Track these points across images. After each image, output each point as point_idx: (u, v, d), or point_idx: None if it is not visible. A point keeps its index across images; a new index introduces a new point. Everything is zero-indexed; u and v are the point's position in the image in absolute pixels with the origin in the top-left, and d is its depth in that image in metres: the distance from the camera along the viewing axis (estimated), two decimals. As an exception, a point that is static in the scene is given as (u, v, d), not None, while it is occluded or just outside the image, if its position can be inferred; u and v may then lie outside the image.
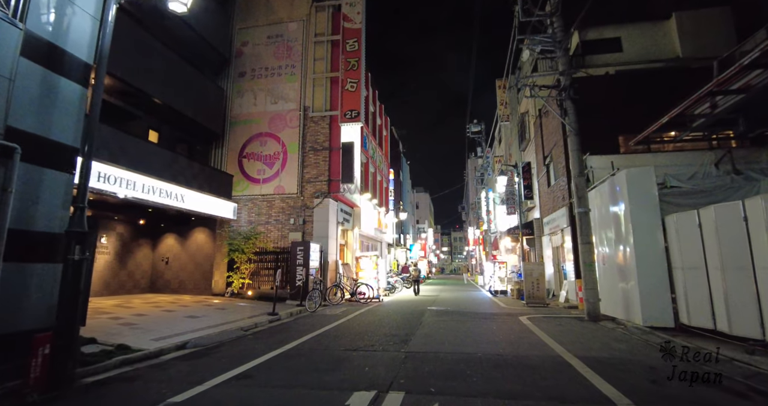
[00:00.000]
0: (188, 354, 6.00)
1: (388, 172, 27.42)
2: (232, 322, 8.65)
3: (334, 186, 14.69)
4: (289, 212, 14.88)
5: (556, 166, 14.15)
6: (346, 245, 17.37)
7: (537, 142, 16.78)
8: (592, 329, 7.61)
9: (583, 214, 8.87)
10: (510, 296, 16.27)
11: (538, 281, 12.22)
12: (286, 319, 9.93)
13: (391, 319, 9.26)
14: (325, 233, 14.26)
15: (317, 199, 14.57)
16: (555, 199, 14.19)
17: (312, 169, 15.01)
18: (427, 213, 68.89)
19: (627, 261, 7.86)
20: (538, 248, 16.62)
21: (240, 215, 15.22)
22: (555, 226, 13.97)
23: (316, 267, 13.01)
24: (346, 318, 9.54)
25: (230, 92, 16.37)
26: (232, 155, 15.85)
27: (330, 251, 14.43)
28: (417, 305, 12.49)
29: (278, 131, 15.64)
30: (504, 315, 9.85)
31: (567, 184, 12.52)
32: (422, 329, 7.59)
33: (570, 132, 9.40)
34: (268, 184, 15.27)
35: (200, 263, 13.93)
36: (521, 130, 19.76)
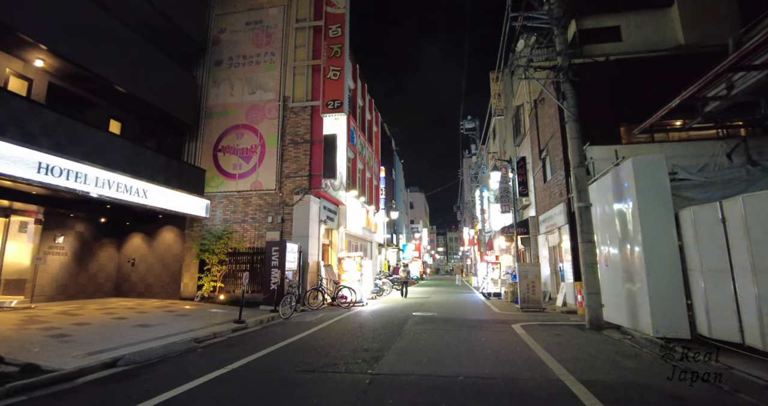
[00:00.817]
0: (113, 375, 4.98)
1: (378, 169, 26.42)
2: (188, 332, 7.62)
3: (315, 182, 13.67)
4: (267, 210, 13.84)
5: (553, 160, 13.19)
6: (331, 245, 16.35)
7: (532, 136, 15.83)
8: (595, 340, 6.63)
9: (584, 209, 7.90)
10: (504, 299, 15.31)
11: (534, 284, 11.25)
12: (253, 327, 8.90)
13: (369, 327, 8.25)
14: (306, 232, 13.23)
15: (297, 196, 13.54)
16: (552, 196, 13.24)
17: (292, 163, 13.98)
18: (422, 213, 67.96)
19: (634, 262, 6.90)
20: (533, 247, 15.67)
21: (214, 212, 14.17)
22: (552, 224, 13.02)
23: (293, 269, 11.98)
24: (320, 327, 8.52)
25: (206, 82, 15.32)
26: (206, 149, 14.80)
27: (311, 251, 13.40)
28: (402, 310, 11.49)
29: (256, 123, 14.60)
30: (495, 323, 8.86)
31: (565, 178, 11.57)
32: (400, 341, 6.58)
33: (569, 118, 8.43)
34: (244, 180, 14.22)
35: (168, 265, 12.86)
36: (516, 124, 18.82)
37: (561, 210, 11.86)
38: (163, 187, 11.38)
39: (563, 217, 11.62)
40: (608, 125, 11.31)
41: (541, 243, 15.06)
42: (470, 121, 31.06)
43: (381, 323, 8.80)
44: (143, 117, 12.81)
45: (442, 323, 8.80)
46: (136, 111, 12.39)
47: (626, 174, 7.19)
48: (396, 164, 38.90)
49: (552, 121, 12.77)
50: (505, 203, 19.95)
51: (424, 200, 72.03)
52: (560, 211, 11.96)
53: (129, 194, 10.27)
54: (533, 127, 15.57)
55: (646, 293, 6.47)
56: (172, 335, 7.31)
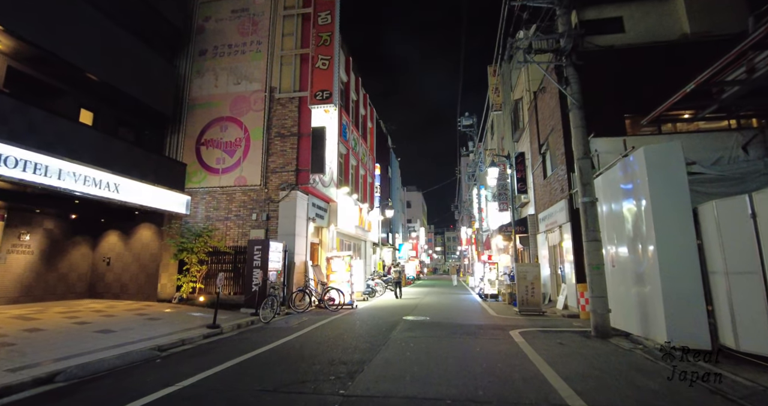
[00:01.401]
0: (43, 394, 4.25)
1: (373, 166, 25.70)
2: (153, 338, 6.89)
3: (302, 177, 12.93)
4: (252, 207, 13.10)
5: (554, 155, 12.49)
6: (321, 244, 15.62)
7: (532, 130, 15.12)
8: (603, 351, 5.91)
9: (589, 205, 7.19)
10: (501, 300, 14.62)
11: (533, 285, 10.55)
12: (228, 333, 8.17)
13: (353, 334, 7.52)
14: (292, 230, 12.49)
15: (283, 192, 12.80)
16: (552, 192, 12.53)
17: (278, 157, 13.24)
18: (419, 212, 67.28)
19: (646, 263, 6.20)
20: (532, 247, 14.98)
21: (196, 209, 13.42)
22: (552, 222, 12.32)
23: (277, 269, 11.25)
24: (299, 333, 7.79)
25: (189, 73, 14.56)
26: (189, 143, 14.04)
27: (298, 250, 12.67)
28: (392, 314, 10.76)
29: (241, 115, 13.85)
30: (492, 328, 8.14)
31: (566, 173, 10.86)
32: (384, 352, 5.86)
33: (572, 105, 7.72)
34: (227, 175, 13.48)
35: (145, 265, 12.10)
36: (514, 118, 18.11)
37: (562, 207, 11.15)
38: (138, 181, 10.63)
39: (565, 214, 10.92)
40: (612, 117, 10.64)
41: (541, 242, 14.36)
42: (468, 118, 30.34)
43: (367, 329, 8.08)
44: (118, 107, 12.04)
45: (433, 328, 8.08)
46: (110, 101, 11.63)
47: (637, 165, 6.48)
48: (392, 162, 38.16)
49: (553, 114, 12.06)
50: (502, 200, 19.25)
51: (422, 199, 71.32)
52: (561, 208, 11.25)
53: (98, 189, 9.52)
54: (532, 121, 14.86)
55: (659, 296, 5.76)
56: (134, 342, 6.58)
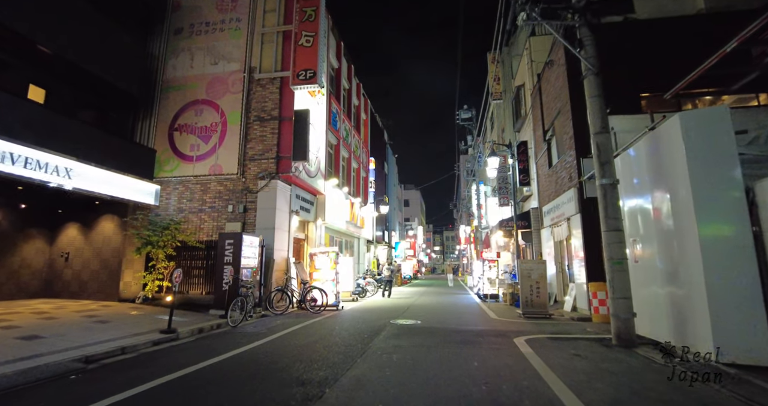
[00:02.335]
0: None
1: (368, 160, 24.52)
2: (85, 346, 5.72)
3: (284, 165, 11.74)
4: (228, 197, 11.90)
5: (560, 140, 11.32)
6: (307, 239, 14.42)
7: (535, 116, 13.95)
8: (632, 366, 4.73)
9: (609, 187, 6.01)
10: (502, 301, 13.45)
11: (539, 285, 9.37)
12: (184, 338, 6.99)
13: (328, 342, 6.34)
14: (272, 223, 11.30)
15: (262, 181, 11.61)
16: (558, 182, 11.36)
17: (257, 143, 12.05)
18: (417, 211, 66.16)
19: (683, 256, 5.02)
20: (536, 243, 13.81)
21: (168, 201, 12.23)
22: (558, 215, 11.14)
23: (252, 266, 10.05)
24: (267, 339, 6.61)
25: (164, 53, 13.36)
26: (162, 128, 12.84)
27: (278, 245, 11.49)
28: (380, 316, 9.57)
29: (217, 98, 12.65)
30: (493, 335, 6.95)
31: (575, 158, 9.70)
32: (358, 367, 4.68)
33: (587, 71, 6.55)
34: (202, 163, 12.27)
35: (107, 260, 10.90)
36: (516, 106, 16.94)
37: (571, 197, 9.98)
38: (96, 167, 9.44)
39: (574, 205, 9.75)
40: (626, 96, 9.50)
41: (545, 238, 13.19)
42: (466, 112, 29.16)
43: (346, 335, 6.89)
44: (78, 87, 10.83)
45: (424, 335, 6.89)
46: (67, 78, 10.41)
47: (670, 137, 5.30)
48: (389, 158, 36.99)
49: (559, 94, 10.88)
50: (503, 194, 18.09)
51: (420, 198, 70.17)
52: (570, 198, 10.08)
53: (44, 173, 8.32)
54: (536, 107, 13.69)
55: (703, 298, 4.59)
56: (58, 352, 5.39)
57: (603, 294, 8.23)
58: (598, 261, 8.94)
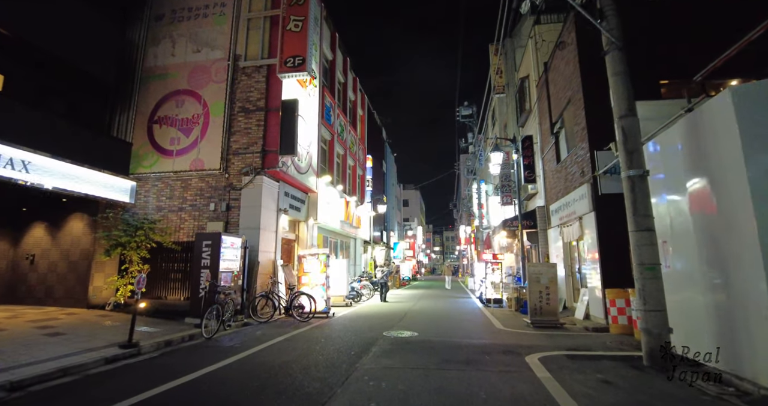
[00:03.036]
0: None
1: (365, 158, 23.62)
2: (17, 368, 4.82)
3: (270, 159, 10.84)
4: (209, 195, 11.00)
5: (571, 132, 10.42)
6: (298, 240, 13.52)
7: (541, 109, 13.06)
8: (678, 398, 3.82)
9: (638, 180, 5.11)
10: (506, 306, 12.54)
11: (549, 290, 8.46)
12: (147, 353, 6.10)
13: (307, 361, 5.42)
14: (256, 222, 10.40)
15: (246, 177, 10.71)
16: (568, 178, 10.46)
17: (241, 136, 11.15)
18: (417, 211, 65.27)
19: (734, 259, 4.13)
20: (542, 244, 12.90)
21: (146, 198, 11.34)
22: (568, 214, 10.24)
23: (233, 270, 9.15)
24: (236, 357, 5.70)
25: (144, 41, 12.46)
26: (141, 120, 11.95)
27: (264, 247, 10.59)
28: (374, 326, 8.65)
29: (200, 87, 11.75)
30: (501, 352, 6.03)
31: (588, 151, 8.80)
32: (337, 400, 3.76)
33: (610, 46, 5.66)
34: (182, 158, 11.37)
35: (75, 263, 9.99)
36: (520, 99, 16.04)
37: (583, 194, 9.08)
38: (61, 161, 8.53)
39: (586, 203, 8.85)
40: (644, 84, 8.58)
41: (553, 238, 12.28)
42: (467, 108, 28.26)
43: (330, 352, 5.98)
44: (43, 72, 9.92)
45: (420, 352, 5.97)
46: (31, 63, 9.51)
47: (715, 118, 4.41)
48: (387, 157, 36.08)
49: (570, 82, 9.99)
50: (506, 193, 17.20)
51: (420, 198, 69.26)
52: (582, 195, 9.18)
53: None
54: (542, 98, 12.80)
55: (763, 310, 3.68)
56: (-20, 376, 4.48)
57: (622, 302, 7.33)
58: (616, 265, 8.04)
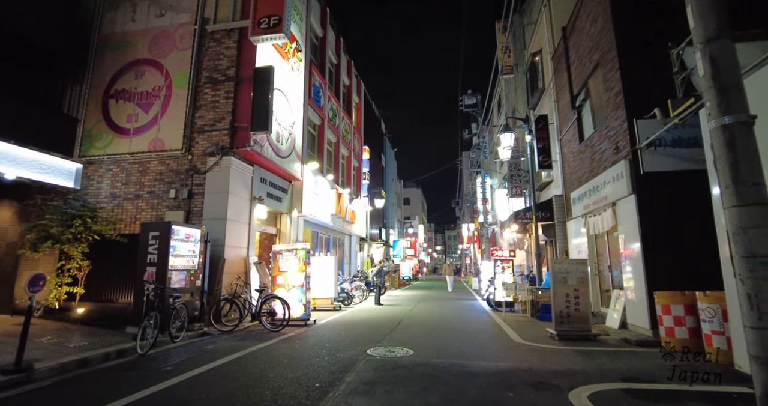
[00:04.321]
0: None
1: (361, 149, 21.96)
2: None
3: (240, 137, 9.18)
4: (170, 180, 9.36)
5: (599, 103, 8.71)
6: (279, 235, 11.86)
7: (559, 82, 11.35)
8: None
9: (740, 130, 3.40)
10: (518, 309, 10.85)
11: (578, 293, 6.77)
12: (40, 380, 4.46)
13: (254, 398, 3.75)
14: (222, 211, 8.75)
15: (212, 158, 9.05)
16: (595, 158, 8.75)
17: (208, 111, 9.50)
18: (419, 209, 63.61)
19: None
20: (559, 238, 11.19)
21: (100, 184, 9.71)
22: (596, 201, 8.53)
23: (190, 267, 7.48)
24: (144, 393, 4.03)
25: (100, 5, 10.82)
26: (95, 95, 10.32)
27: (232, 241, 8.94)
28: (357, 338, 6.95)
29: (162, 56, 10.10)
30: (528, 383, 4.30)
31: (626, 121, 7.10)
32: None
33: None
34: (141, 137, 9.73)
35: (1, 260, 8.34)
36: (531, 78, 14.33)
37: (618, 174, 7.37)
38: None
39: (624, 184, 7.14)
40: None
41: (573, 231, 10.58)
42: (470, 97, 26.49)
43: (284, 385, 4.28)
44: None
45: (414, 385, 4.27)
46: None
47: None
48: (387, 151, 34.40)
49: (598, 42, 8.26)
50: (515, 183, 15.49)
51: (422, 197, 67.60)
52: (616, 176, 7.47)
53: None
54: (560, 70, 11.09)
55: None
56: None
57: (680, 309, 5.63)
58: (665, 260, 6.35)
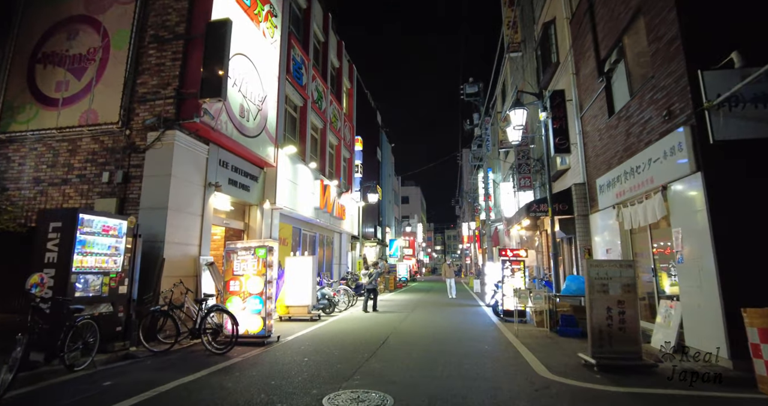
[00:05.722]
0: None
1: (353, 139, 20.20)
2: None
3: (188, 107, 7.37)
4: (104, 161, 7.57)
5: (638, 61, 6.92)
6: (248, 231, 10.07)
7: (579, 49, 9.57)
8: None
9: None
10: (531, 320, 9.05)
11: (625, 306, 4.98)
12: None
13: None
14: (163, 199, 6.95)
15: (153, 133, 7.25)
16: (634, 132, 6.95)
17: (151, 76, 7.70)
18: (418, 208, 61.92)
19: None
20: (581, 234, 9.38)
21: (21, 167, 7.94)
22: (637, 185, 6.73)
23: (110, 269, 5.68)
24: None
25: (33, -46, 9.03)
26: (19, 60, 8.54)
27: (178, 236, 7.16)
28: (320, 371, 5.12)
29: (100, 12, 8.30)
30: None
31: (685, 75, 5.30)
32: None
33: None
34: (71, 109, 7.94)
35: None
36: (543, 53, 12.53)
37: (673, 147, 5.57)
38: None
39: (683, 159, 5.33)
40: None
41: (599, 227, 8.78)
42: (472, 86, 24.60)
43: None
44: None
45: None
46: None
47: None
48: (383, 145, 32.62)
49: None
50: (524, 173, 13.70)
51: (421, 195, 65.90)
52: (669, 150, 5.67)
53: None
54: (582, 34, 9.30)
55: None
56: None
57: (790, 333, 3.82)
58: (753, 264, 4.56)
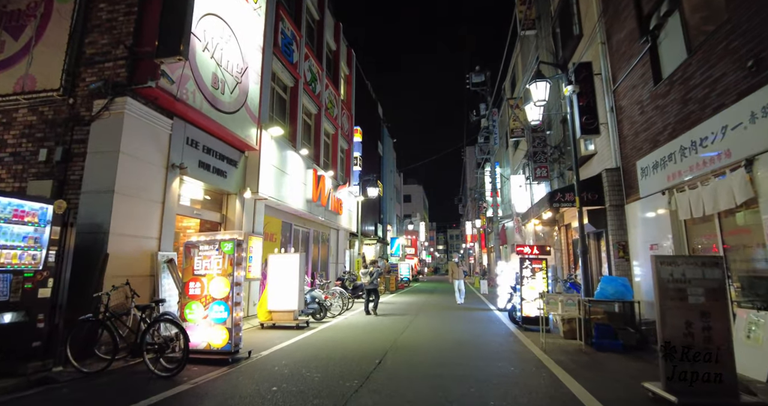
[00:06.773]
0: None
1: (351, 129, 18.85)
2: None
3: (143, 69, 6.02)
4: (42, 135, 6.23)
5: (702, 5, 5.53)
6: (226, 223, 8.72)
7: (612, 11, 8.18)
8: None
9: None
10: (554, 329, 7.68)
11: (711, 318, 3.59)
12: None
13: None
14: (109, 180, 5.61)
15: (99, 102, 5.91)
16: (695, 97, 5.57)
17: (102, 34, 6.36)
18: (420, 207, 60.62)
19: None
20: (613, 228, 8.00)
21: (-53, 146, 6.58)
22: (702, 162, 5.35)
23: (23, 267, 4.34)
24: None
25: None
26: (-47, 21, 7.19)
27: (131, 228, 5.82)
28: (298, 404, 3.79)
29: (43, -40, 6.96)
30: None
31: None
32: None
33: None
34: (5, 74, 6.60)
35: None
36: (563, 27, 11.14)
37: (765, 105, 4.18)
38: None
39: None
40: None
41: (638, 217, 7.39)
42: (479, 75, 23.29)
43: None
44: None
45: None
46: None
47: None
48: (385, 139, 31.27)
49: None
50: (539, 163, 12.30)
51: (423, 194, 64.59)
52: (758, 110, 4.29)
53: None
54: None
55: None
56: None
57: None
58: None
